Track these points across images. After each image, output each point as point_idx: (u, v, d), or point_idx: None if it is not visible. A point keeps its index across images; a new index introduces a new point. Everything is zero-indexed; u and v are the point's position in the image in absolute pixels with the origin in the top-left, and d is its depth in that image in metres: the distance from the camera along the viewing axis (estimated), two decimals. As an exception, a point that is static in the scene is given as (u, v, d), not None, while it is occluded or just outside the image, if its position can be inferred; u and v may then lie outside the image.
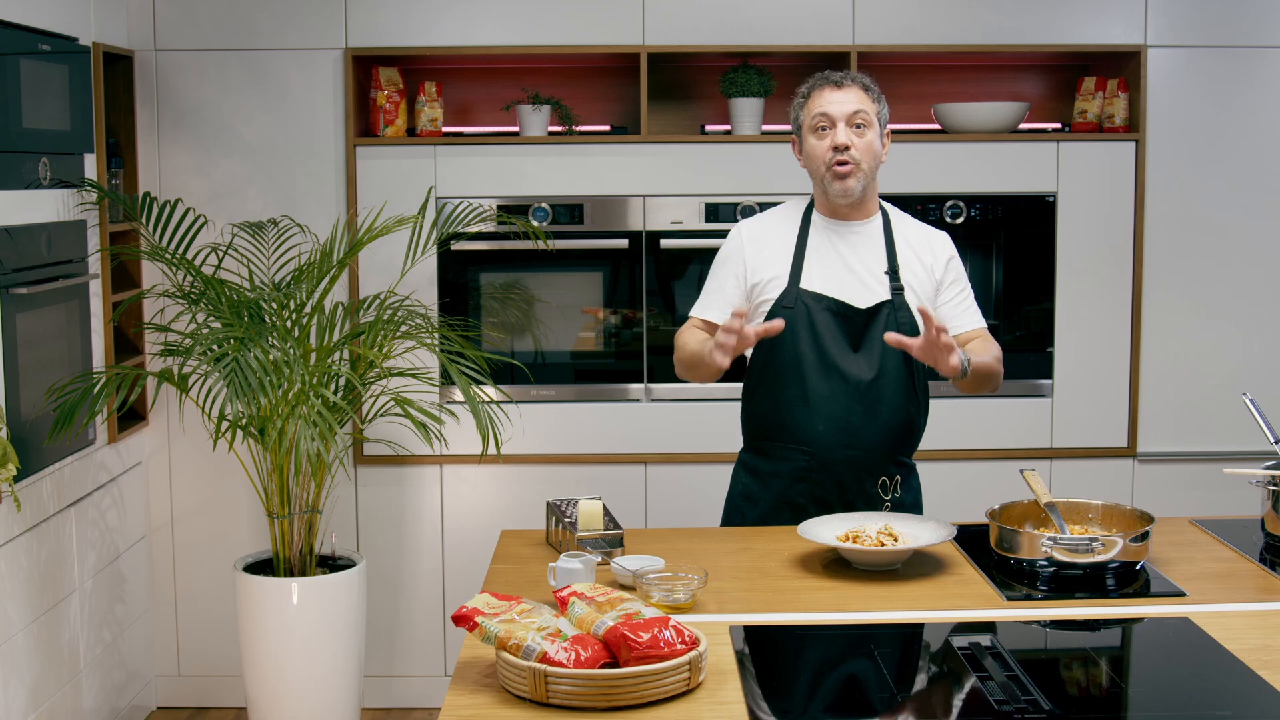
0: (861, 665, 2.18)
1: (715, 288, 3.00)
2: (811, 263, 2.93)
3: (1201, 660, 2.16)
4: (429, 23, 4.11)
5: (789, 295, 2.91)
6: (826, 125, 2.89)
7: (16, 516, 3.30)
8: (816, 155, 2.91)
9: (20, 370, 3.28)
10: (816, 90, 2.92)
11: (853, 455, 2.91)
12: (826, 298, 2.90)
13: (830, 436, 2.89)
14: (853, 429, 2.90)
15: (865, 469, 2.92)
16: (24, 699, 3.33)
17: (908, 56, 4.29)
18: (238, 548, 4.21)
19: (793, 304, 2.90)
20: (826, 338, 2.89)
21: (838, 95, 2.89)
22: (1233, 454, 4.15)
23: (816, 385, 2.89)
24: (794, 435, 2.92)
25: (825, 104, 2.89)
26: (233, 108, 4.12)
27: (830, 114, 2.88)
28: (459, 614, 2.10)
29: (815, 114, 2.90)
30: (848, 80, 2.91)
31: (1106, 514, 2.69)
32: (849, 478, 2.92)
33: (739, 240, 3.01)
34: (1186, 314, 4.24)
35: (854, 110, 2.88)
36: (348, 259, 3.75)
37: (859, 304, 2.91)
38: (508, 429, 3.99)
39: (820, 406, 2.89)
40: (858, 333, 2.90)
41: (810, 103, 2.92)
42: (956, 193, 4.16)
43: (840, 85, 2.90)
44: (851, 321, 2.90)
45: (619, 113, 4.40)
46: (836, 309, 2.90)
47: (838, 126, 2.87)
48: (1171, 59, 4.17)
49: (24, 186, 3.36)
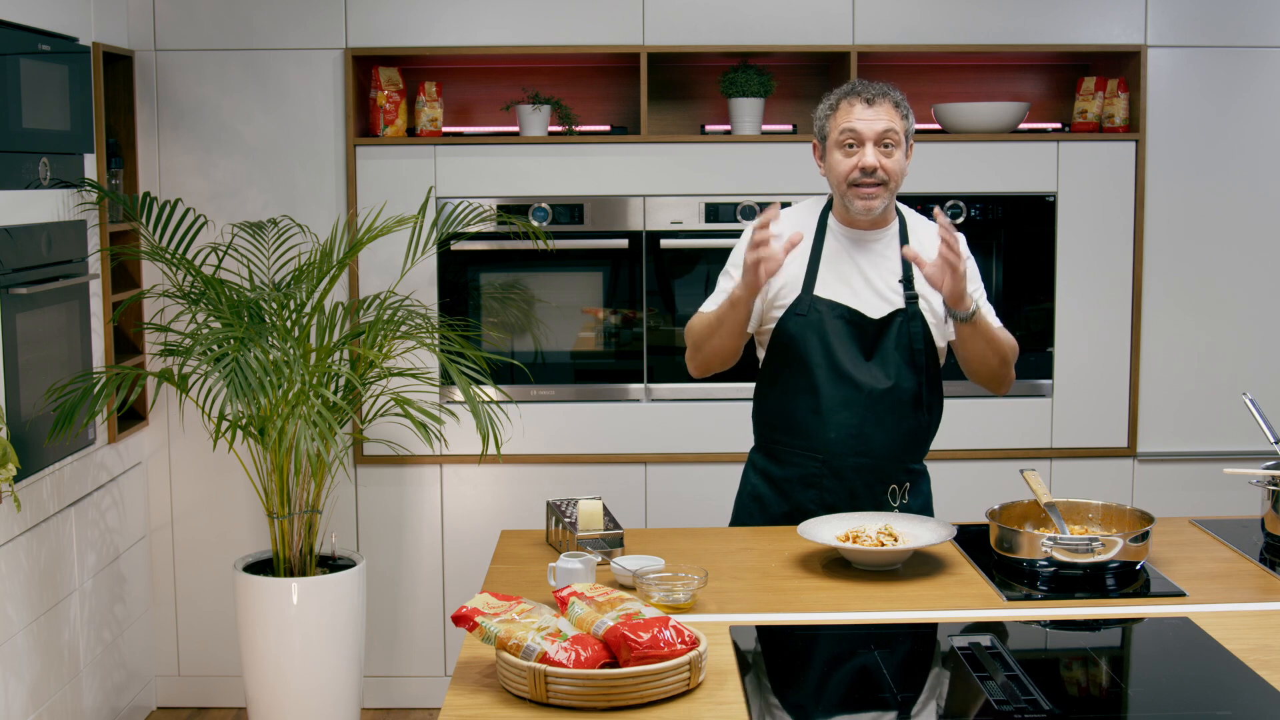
0: (862, 665, 2.19)
1: (729, 286, 2.95)
2: (826, 270, 2.91)
3: (1201, 660, 2.16)
4: (429, 23, 4.11)
5: (802, 302, 2.89)
6: (854, 143, 2.83)
7: (16, 516, 3.30)
8: (840, 172, 2.85)
9: (20, 370, 3.28)
10: (847, 103, 2.85)
11: (864, 463, 2.90)
12: (840, 306, 2.88)
13: (841, 444, 2.88)
14: (864, 437, 2.88)
15: (877, 477, 2.91)
16: (24, 699, 3.33)
17: (908, 56, 4.29)
18: (238, 548, 4.21)
19: (806, 311, 2.88)
20: (838, 346, 2.87)
21: (868, 113, 2.83)
22: (1233, 454, 4.15)
23: (828, 393, 2.87)
24: (806, 442, 2.91)
25: (855, 121, 2.82)
26: (233, 108, 4.12)
27: (860, 132, 2.82)
28: (459, 614, 2.10)
29: (844, 129, 2.83)
30: (880, 97, 2.84)
31: (1106, 514, 2.69)
32: (859, 485, 2.91)
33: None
34: (1186, 314, 4.24)
35: (884, 130, 2.82)
36: (348, 259, 3.75)
37: (872, 314, 2.89)
38: (508, 429, 3.99)
39: (832, 414, 2.88)
40: (870, 341, 2.89)
41: (838, 116, 2.86)
42: (956, 193, 4.16)
43: (871, 103, 2.83)
44: (864, 330, 2.88)
45: (619, 113, 4.40)
46: (850, 317, 2.88)
47: (866, 146, 2.82)
48: (1171, 59, 4.17)
49: (24, 186, 3.36)
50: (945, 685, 2.11)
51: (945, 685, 2.11)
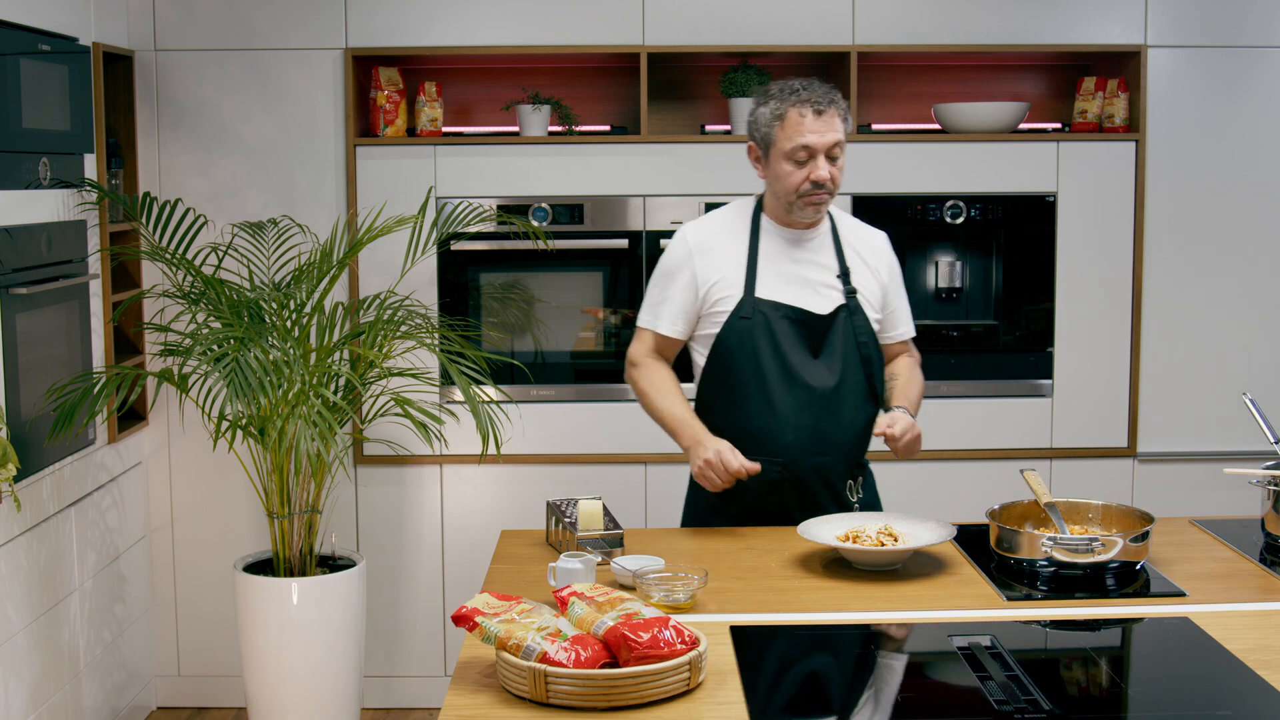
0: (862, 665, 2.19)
1: (665, 297, 2.94)
2: (766, 270, 2.89)
3: (1201, 660, 2.16)
4: (429, 23, 4.11)
5: (746, 305, 2.87)
6: (806, 158, 2.82)
7: (16, 516, 3.30)
8: (792, 184, 2.83)
9: (20, 370, 3.28)
10: (796, 113, 2.81)
11: (822, 462, 2.89)
12: (785, 306, 2.87)
13: (800, 445, 2.87)
14: (821, 435, 2.87)
15: (836, 474, 2.91)
16: (24, 699, 3.33)
17: (908, 56, 4.29)
18: (238, 548, 4.21)
19: (750, 314, 2.86)
20: (787, 346, 2.86)
21: (819, 124, 2.80)
22: (1233, 454, 4.15)
23: (782, 396, 2.85)
24: (763, 447, 2.87)
25: (806, 134, 2.80)
26: (233, 108, 4.12)
27: (812, 146, 2.80)
28: (459, 614, 2.10)
29: (797, 145, 2.80)
30: (830, 107, 2.82)
31: (1106, 514, 2.69)
32: (818, 483, 2.90)
33: (686, 248, 2.93)
34: (1186, 314, 4.24)
35: (834, 141, 2.82)
36: (348, 259, 3.75)
37: (818, 310, 2.88)
38: (508, 429, 3.99)
39: (788, 416, 2.86)
40: (818, 340, 2.88)
41: (788, 127, 2.81)
42: (956, 193, 4.16)
43: (821, 113, 2.81)
44: (811, 329, 2.88)
45: (619, 113, 4.40)
46: (796, 317, 2.87)
47: (819, 159, 2.81)
48: (1171, 59, 4.17)
49: (24, 186, 3.36)
50: (945, 685, 2.11)
51: (945, 685, 2.11)
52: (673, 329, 2.94)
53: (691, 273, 2.92)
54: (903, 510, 2.92)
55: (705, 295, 2.90)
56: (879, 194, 4.14)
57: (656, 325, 2.95)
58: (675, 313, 2.93)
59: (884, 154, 4.13)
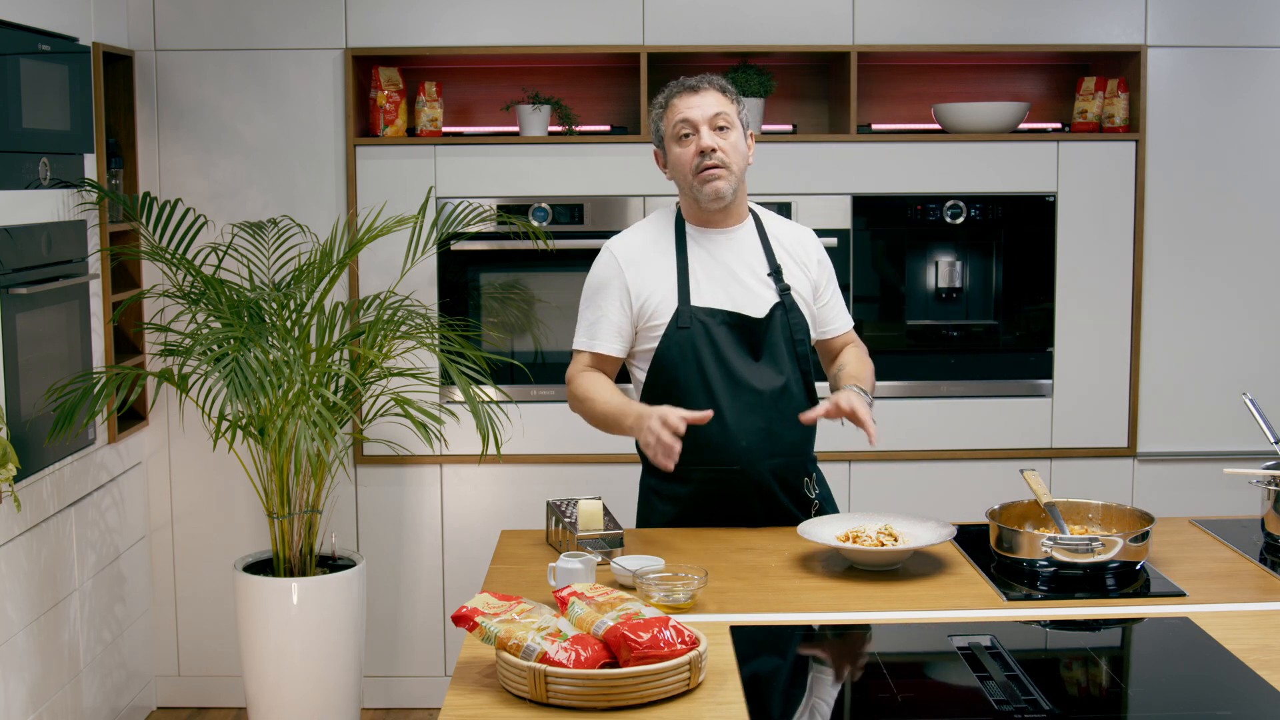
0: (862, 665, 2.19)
1: (599, 317, 2.89)
2: (697, 277, 2.86)
3: (1201, 660, 2.16)
4: (429, 23, 4.11)
5: (683, 315, 2.84)
6: (689, 132, 2.82)
7: (16, 516, 3.30)
8: (683, 163, 2.83)
9: (20, 370, 3.28)
10: (674, 98, 2.85)
11: (778, 463, 2.88)
12: (721, 311, 2.84)
13: (755, 450, 2.84)
14: (774, 437, 2.85)
15: (792, 472, 2.91)
16: (24, 699, 3.33)
17: (908, 56, 4.29)
18: (238, 548, 4.21)
19: (688, 323, 2.83)
20: (729, 352, 2.83)
21: (695, 100, 2.82)
22: (1233, 454, 4.15)
23: (730, 403, 2.82)
24: (717, 454, 2.84)
25: (685, 110, 2.82)
26: (233, 108, 4.12)
27: (691, 119, 2.81)
28: (459, 614, 2.10)
29: (676, 122, 2.82)
30: (703, 83, 2.84)
31: (1106, 514, 2.69)
32: (775, 484, 2.88)
33: (614, 263, 2.90)
34: (1186, 314, 4.24)
35: (715, 113, 2.81)
36: (348, 259, 3.75)
37: (754, 313, 2.85)
38: (508, 429, 3.99)
39: (739, 422, 2.82)
40: (758, 342, 2.86)
41: (669, 112, 2.85)
42: (956, 193, 4.16)
43: (696, 90, 2.83)
44: (750, 332, 2.85)
45: (619, 113, 4.41)
46: (734, 321, 2.84)
47: (701, 130, 2.81)
48: (1171, 59, 4.17)
49: (24, 186, 3.36)
50: (945, 685, 2.11)
51: (945, 685, 2.11)
52: (611, 347, 2.88)
53: (623, 288, 2.87)
54: (903, 510, 2.92)
55: (640, 309, 2.86)
56: (879, 194, 4.14)
57: (594, 345, 2.89)
58: (612, 331, 2.88)
59: (884, 154, 4.14)
